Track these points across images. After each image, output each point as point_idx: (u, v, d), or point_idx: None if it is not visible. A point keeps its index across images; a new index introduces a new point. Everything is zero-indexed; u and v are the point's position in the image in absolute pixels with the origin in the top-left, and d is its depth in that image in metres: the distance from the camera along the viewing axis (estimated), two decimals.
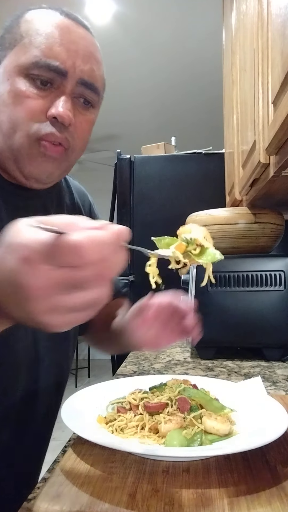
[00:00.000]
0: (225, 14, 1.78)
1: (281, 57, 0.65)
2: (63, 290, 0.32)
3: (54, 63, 0.58)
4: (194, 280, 1.16)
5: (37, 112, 0.59)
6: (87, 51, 0.62)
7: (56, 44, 0.58)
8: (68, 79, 0.60)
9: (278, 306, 1.09)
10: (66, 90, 0.60)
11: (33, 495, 0.44)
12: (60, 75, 0.59)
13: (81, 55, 0.61)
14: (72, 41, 0.60)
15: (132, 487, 0.45)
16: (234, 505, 0.41)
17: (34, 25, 0.59)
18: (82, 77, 0.61)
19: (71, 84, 0.60)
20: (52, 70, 0.58)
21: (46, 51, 0.58)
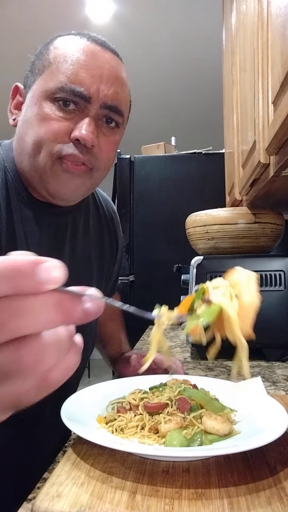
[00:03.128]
0: (225, 14, 1.78)
1: (281, 57, 0.65)
2: None
3: (78, 88, 0.61)
4: (194, 280, 1.16)
5: (61, 134, 0.61)
6: (112, 75, 0.64)
7: (81, 70, 0.61)
8: (92, 103, 0.62)
9: (278, 306, 1.09)
10: (89, 113, 0.63)
11: (33, 495, 0.44)
12: (84, 100, 0.62)
13: (106, 79, 0.63)
14: (97, 67, 0.62)
15: (132, 487, 0.45)
16: (234, 505, 0.41)
17: (62, 52, 0.62)
18: (106, 101, 0.63)
19: (95, 108, 0.63)
20: (76, 95, 0.61)
21: (71, 77, 0.61)
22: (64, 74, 0.61)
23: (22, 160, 0.65)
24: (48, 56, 0.63)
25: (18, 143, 0.66)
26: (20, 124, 0.66)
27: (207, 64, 3.29)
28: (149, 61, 3.36)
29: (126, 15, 2.92)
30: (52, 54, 0.63)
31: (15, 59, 3.38)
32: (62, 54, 0.62)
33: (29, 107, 0.63)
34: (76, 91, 0.61)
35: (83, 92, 0.61)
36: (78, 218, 0.77)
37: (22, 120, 0.65)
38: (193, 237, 1.36)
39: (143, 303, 2.25)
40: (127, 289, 2.05)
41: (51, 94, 0.61)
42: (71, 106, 0.62)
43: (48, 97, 0.62)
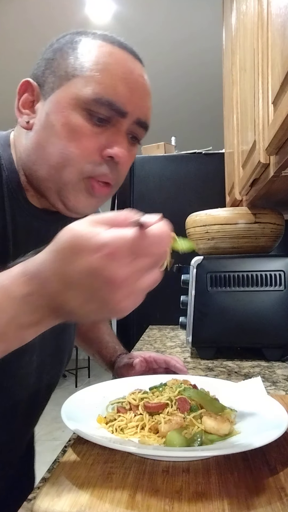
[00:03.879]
0: (225, 14, 1.78)
1: (281, 57, 0.65)
2: (140, 276, 0.38)
3: (116, 102, 0.57)
4: (194, 280, 1.16)
5: (93, 151, 0.57)
6: (145, 89, 0.61)
7: (119, 82, 0.57)
8: (126, 118, 0.59)
9: (278, 306, 1.09)
10: (122, 129, 0.59)
11: (33, 495, 0.44)
12: (119, 115, 0.58)
13: (141, 94, 0.60)
14: (134, 80, 0.59)
15: (132, 487, 0.45)
16: (234, 505, 0.41)
17: (96, 58, 0.57)
18: (140, 117, 0.60)
19: (127, 123, 0.59)
20: (113, 109, 0.57)
21: (108, 89, 0.56)
22: (101, 84, 0.56)
23: (37, 167, 0.60)
24: (78, 59, 0.58)
25: (34, 148, 0.60)
26: (38, 129, 0.59)
27: (207, 64, 3.29)
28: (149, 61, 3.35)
29: (126, 15, 2.93)
30: (83, 58, 0.58)
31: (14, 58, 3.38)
32: (96, 62, 0.57)
33: (53, 113, 0.58)
34: (113, 105, 0.56)
35: (121, 106, 0.57)
36: None
37: (41, 125, 0.59)
38: (193, 237, 1.36)
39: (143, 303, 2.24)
40: None
41: (83, 104, 0.56)
42: (105, 120, 0.57)
43: (79, 106, 0.56)
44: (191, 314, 1.15)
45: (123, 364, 0.86)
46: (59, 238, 0.39)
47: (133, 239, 0.37)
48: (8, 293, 0.40)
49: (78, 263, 0.37)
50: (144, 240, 0.37)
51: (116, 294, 0.38)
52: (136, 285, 0.38)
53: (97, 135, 0.57)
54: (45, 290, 0.39)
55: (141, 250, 0.37)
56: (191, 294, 1.17)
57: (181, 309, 1.33)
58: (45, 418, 2.90)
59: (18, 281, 0.40)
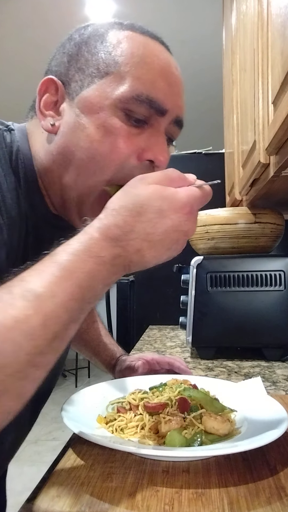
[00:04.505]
0: (225, 14, 1.78)
1: (281, 57, 0.65)
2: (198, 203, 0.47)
3: (156, 100, 0.51)
4: (194, 280, 1.16)
5: (130, 155, 0.52)
6: (181, 83, 0.56)
7: (159, 78, 0.52)
8: (165, 117, 0.54)
9: (278, 306, 1.09)
10: (161, 129, 0.54)
11: (33, 495, 0.44)
12: (159, 113, 0.53)
13: (178, 89, 0.55)
14: (171, 73, 0.54)
15: (132, 487, 0.45)
16: (234, 505, 0.41)
17: (130, 50, 0.52)
18: (178, 115, 0.55)
19: (166, 122, 0.54)
20: (153, 107, 0.52)
21: (148, 85, 0.51)
22: (140, 80, 0.51)
23: (63, 174, 0.54)
24: (110, 54, 0.52)
25: (60, 153, 0.54)
26: (66, 132, 0.53)
27: (207, 64, 3.29)
28: None
29: (126, 15, 2.93)
30: (116, 52, 0.52)
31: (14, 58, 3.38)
32: (131, 54, 0.51)
33: (85, 115, 0.52)
34: (154, 103, 0.51)
35: (161, 104, 0.52)
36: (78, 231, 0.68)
37: (70, 128, 0.52)
38: (193, 237, 1.36)
39: (143, 303, 2.25)
40: (127, 289, 2.05)
41: (120, 103, 0.51)
42: (143, 119, 0.52)
43: (117, 106, 0.51)
44: (191, 314, 1.15)
45: (125, 367, 0.85)
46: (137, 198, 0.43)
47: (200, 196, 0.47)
48: (100, 259, 0.41)
49: (163, 222, 0.43)
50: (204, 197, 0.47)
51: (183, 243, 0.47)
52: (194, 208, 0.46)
53: (135, 137, 0.52)
54: (131, 251, 0.43)
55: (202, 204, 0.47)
56: (191, 294, 1.17)
57: (181, 309, 1.33)
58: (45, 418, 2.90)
59: (105, 246, 0.42)
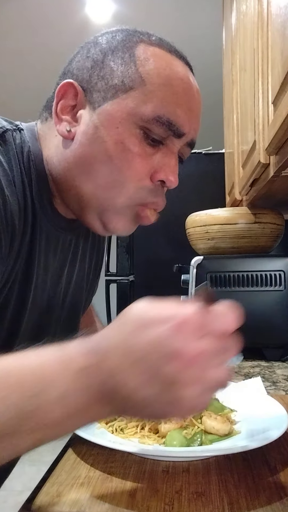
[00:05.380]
0: (225, 14, 1.78)
1: (281, 57, 0.65)
2: (209, 360, 0.34)
3: (176, 123, 0.52)
4: (194, 280, 1.16)
5: (145, 175, 0.53)
6: (200, 107, 0.57)
7: (181, 101, 0.53)
8: (181, 140, 0.55)
9: (278, 306, 1.09)
10: (175, 150, 0.55)
11: (33, 495, 0.44)
12: (176, 136, 0.53)
13: (197, 114, 0.56)
14: (193, 98, 0.55)
15: (132, 487, 0.45)
16: (234, 505, 0.41)
17: (157, 71, 0.52)
18: (193, 138, 0.57)
19: (180, 144, 0.55)
20: (171, 130, 0.52)
21: (170, 108, 0.51)
22: (163, 102, 0.51)
23: (81, 183, 0.54)
24: (138, 69, 0.52)
25: (77, 162, 0.54)
26: (84, 142, 0.53)
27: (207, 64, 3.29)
28: None
29: (126, 15, 2.92)
30: (143, 69, 0.52)
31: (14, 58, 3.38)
32: (158, 74, 0.52)
33: (105, 128, 0.52)
34: (172, 126, 0.52)
35: (180, 128, 0.52)
36: (80, 237, 0.68)
37: (88, 139, 0.52)
38: (193, 237, 1.36)
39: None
40: (127, 289, 2.05)
41: (141, 122, 0.51)
42: (159, 140, 0.53)
43: (136, 123, 0.51)
44: None
45: None
46: (124, 313, 0.37)
47: (200, 311, 0.35)
48: (64, 364, 0.35)
49: (145, 334, 0.34)
50: (210, 314, 0.35)
51: (183, 374, 0.33)
52: (205, 372, 0.34)
53: (150, 156, 0.53)
54: (104, 363, 0.35)
55: (208, 325, 0.35)
56: (191, 294, 1.17)
57: None
58: None
59: (76, 352, 0.36)
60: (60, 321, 0.66)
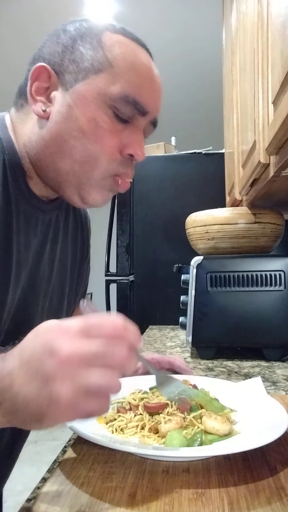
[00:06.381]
0: (225, 14, 1.78)
1: (281, 57, 0.65)
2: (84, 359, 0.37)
3: (140, 102, 0.58)
4: (194, 280, 1.16)
5: (116, 149, 0.59)
6: (161, 89, 0.62)
7: (144, 82, 0.58)
8: (145, 118, 0.60)
9: (278, 306, 1.09)
10: (140, 127, 0.60)
11: (33, 495, 0.44)
12: (141, 114, 0.59)
13: (158, 94, 0.62)
14: (154, 80, 0.60)
15: (132, 487, 0.45)
16: (234, 505, 0.41)
17: (123, 55, 0.58)
18: (156, 116, 0.62)
19: (145, 122, 0.61)
20: (137, 108, 0.58)
21: (135, 88, 0.57)
22: (130, 83, 0.57)
23: (57, 159, 0.59)
24: (105, 54, 0.57)
25: (53, 139, 0.58)
26: (59, 120, 0.57)
27: (207, 64, 3.29)
28: None
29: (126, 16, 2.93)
30: (111, 53, 0.57)
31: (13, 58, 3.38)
32: (124, 59, 0.57)
33: (78, 106, 0.57)
34: (138, 104, 0.57)
35: (144, 106, 0.58)
36: (60, 217, 0.72)
37: (62, 117, 0.57)
38: (193, 237, 1.36)
39: (143, 303, 2.25)
40: (127, 289, 2.05)
41: (110, 101, 0.56)
42: (126, 118, 0.58)
43: (105, 103, 0.56)
44: (191, 314, 1.15)
45: None
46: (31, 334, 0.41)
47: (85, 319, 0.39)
48: None
49: (36, 339, 0.39)
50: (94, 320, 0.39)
51: (57, 370, 0.36)
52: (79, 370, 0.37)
53: (119, 132, 0.58)
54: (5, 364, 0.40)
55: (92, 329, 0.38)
56: (191, 294, 1.17)
57: (181, 309, 1.33)
58: None
59: None
60: (48, 297, 0.70)
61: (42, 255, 0.67)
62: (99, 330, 0.38)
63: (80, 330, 0.38)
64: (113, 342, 0.38)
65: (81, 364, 0.37)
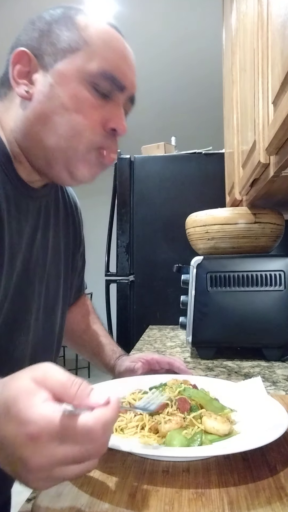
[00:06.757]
0: (225, 14, 1.78)
1: (281, 57, 0.65)
2: (63, 465, 0.35)
3: (118, 77, 0.61)
4: (194, 280, 1.16)
5: (99, 124, 0.61)
6: (135, 66, 0.65)
7: (120, 59, 0.61)
8: (124, 93, 0.63)
9: (278, 306, 1.09)
10: (120, 103, 0.63)
11: (33, 495, 0.44)
12: (119, 90, 0.62)
13: (134, 71, 0.64)
14: (129, 58, 0.64)
15: (132, 487, 0.45)
16: (234, 505, 0.41)
17: (97, 35, 0.61)
18: (133, 92, 0.65)
19: (124, 98, 0.63)
20: (115, 84, 0.61)
21: (112, 64, 0.60)
22: (106, 60, 0.60)
23: (43, 137, 0.60)
24: (81, 34, 0.60)
25: (38, 118, 0.60)
26: (42, 99, 0.59)
27: (207, 64, 3.29)
28: (149, 61, 3.36)
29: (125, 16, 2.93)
30: (85, 33, 0.60)
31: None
32: (98, 38, 0.60)
33: (59, 85, 0.59)
34: (116, 80, 0.60)
35: (121, 81, 0.61)
36: (50, 205, 0.74)
37: (45, 96, 0.59)
38: (193, 237, 1.36)
39: (143, 303, 2.24)
40: (127, 289, 2.05)
41: (89, 77, 0.59)
42: (106, 93, 0.61)
43: (85, 79, 0.59)
44: (191, 314, 1.15)
45: (124, 368, 0.85)
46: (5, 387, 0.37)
47: (58, 425, 0.34)
48: None
49: (6, 426, 0.35)
50: (69, 429, 0.34)
51: (29, 475, 0.35)
52: (55, 473, 0.35)
53: (101, 108, 0.61)
54: None
55: (68, 437, 0.34)
56: (191, 294, 1.17)
57: (181, 309, 1.33)
58: None
59: None
60: (43, 282, 0.72)
61: (35, 240, 0.69)
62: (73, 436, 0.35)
63: (52, 437, 0.34)
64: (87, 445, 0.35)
65: (54, 467, 0.35)
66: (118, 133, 0.63)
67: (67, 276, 0.82)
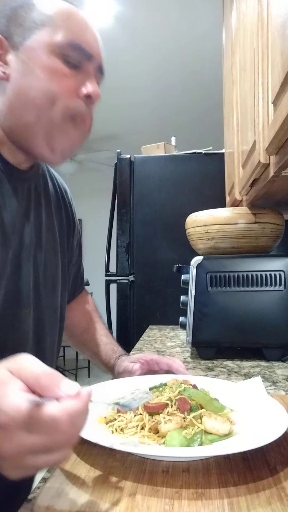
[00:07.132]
0: (225, 14, 1.78)
1: (281, 57, 0.65)
2: (32, 454, 0.36)
3: (84, 47, 0.64)
4: (194, 280, 1.16)
5: (72, 91, 0.64)
6: (99, 39, 0.69)
7: (84, 30, 0.65)
8: (92, 63, 0.66)
9: (278, 306, 1.09)
10: (90, 72, 0.66)
11: (33, 495, 0.44)
12: (87, 59, 0.65)
13: (99, 43, 0.68)
14: (92, 30, 0.67)
15: (132, 487, 0.45)
16: (234, 505, 0.41)
17: (59, 10, 0.65)
18: (101, 63, 0.68)
19: (93, 68, 0.66)
20: (82, 53, 0.64)
21: (78, 36, 0.64)
22: (71, 31, 0.63)
23: (23, 113, 0.63)
24: (44, 12, 0.64)
25: (16, 96, 0.63)
26: (18, 77, 0.63)
27: (207, 64, 3.29)
28: (149, 61, 3.36)
29: (125, 16, 2.93)
30: (48, 11, 0.64)
31: None
32: (60, 13, 0.64)
33: (31, 60, 0.62)
34: (83, 49, 0.64)
35: (88, 50, 0.64)
36: (39, 187, 0.77)
37: (20, 73, 0.63)
38: (193, 237, 1.36)
39: (143, 303, 2.24)
40: (127, 289, 2.05)
41: (58, 49, 0.62)
42: (75, 63, 0.64)
43: (55, 51, 0.62)
44: (191, 314, 1.15)
45: (123, 369, 0.85)
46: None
47: (26, 415, 0.35)
48: None
49: None
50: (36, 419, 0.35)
51: (2, 462, 0.36)
52: (26, 461, 0.36)
53: (73, 77, 0.64)
54: None
55: (34, 428, 0.35)
56: (191, 294, 1.17)
57: (181, 309, 1.33)
58: None
59: None
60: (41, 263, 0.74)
61: (28, 220, 0.71)
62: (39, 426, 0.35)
63: (20, 426, 0.35)
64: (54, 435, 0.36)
65: (24, 456, 0.36)
66: (92, 98, 0.65)
67: (64, 256, 0.83)
